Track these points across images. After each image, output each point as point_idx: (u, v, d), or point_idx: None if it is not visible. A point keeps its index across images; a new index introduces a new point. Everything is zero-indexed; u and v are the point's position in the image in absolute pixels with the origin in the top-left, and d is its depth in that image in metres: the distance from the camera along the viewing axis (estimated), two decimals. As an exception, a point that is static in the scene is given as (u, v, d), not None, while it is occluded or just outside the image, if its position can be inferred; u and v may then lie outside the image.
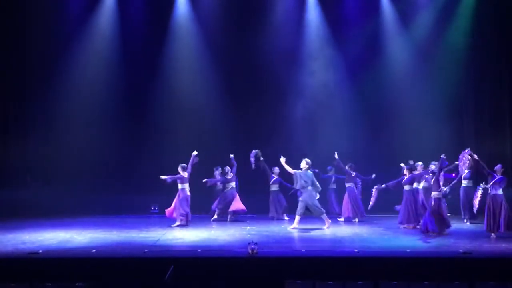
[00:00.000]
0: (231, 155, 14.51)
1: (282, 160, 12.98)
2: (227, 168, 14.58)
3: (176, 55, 16.39)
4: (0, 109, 15.54)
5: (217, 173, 15.04)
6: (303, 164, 12.93)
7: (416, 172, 13.57)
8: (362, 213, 14.46)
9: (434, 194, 12.22)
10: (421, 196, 13.44)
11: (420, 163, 14.02)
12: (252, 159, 14.65)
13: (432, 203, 12.18)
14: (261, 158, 14.75)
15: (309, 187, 12.84)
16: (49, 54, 15.74)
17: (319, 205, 12.94)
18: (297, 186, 12.93)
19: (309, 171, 12.97)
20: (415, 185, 13.52)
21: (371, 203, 13.94)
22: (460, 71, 16.20)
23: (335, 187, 15.35)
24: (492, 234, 11.88)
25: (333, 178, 15.30)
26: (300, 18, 16.51)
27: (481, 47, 15.94)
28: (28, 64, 15.69)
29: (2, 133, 15.30)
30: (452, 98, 16.26)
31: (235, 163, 14.53)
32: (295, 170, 12.91)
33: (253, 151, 14.70)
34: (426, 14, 16.30)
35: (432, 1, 16.26)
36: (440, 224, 12.16)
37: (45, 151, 15.50)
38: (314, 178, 12.99)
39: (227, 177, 14.56)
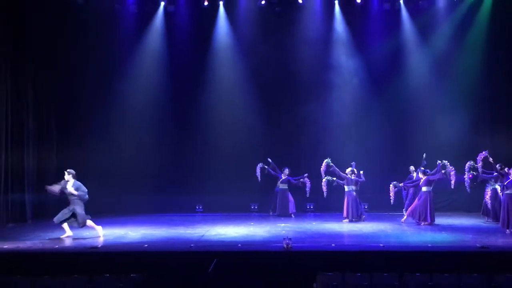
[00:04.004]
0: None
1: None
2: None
3: (216, 69, 16.42)
4: (63, 121, 15.81)
5: (286, 171, 15.07)
6: (68, 176, 11.55)
7: (430, 174, 13.40)
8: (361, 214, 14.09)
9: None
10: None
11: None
12: (258, 172, 15.00)
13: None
14: (266, 167, 15.08)
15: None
16: (105, 70, 15.94)
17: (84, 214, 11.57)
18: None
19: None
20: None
21: (392, 199, 13.82)
22: (475, 78, 15.85)
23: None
24: (508, 230, 11.66)
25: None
26: (328, 33, 16.36)
27: (495, 57, 15.63)
28: (88, 81, 15.91)
29: (65, 142, 15.56)
30: (469, 103, 15.89)
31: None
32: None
33: (259, 165, 15.01)
34: (444, 29, 16.04)
35: (449, 17, 15.97)
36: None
37: (102, 156, 15.71)
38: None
39: (358, 179, 14.23)
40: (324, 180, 14.10)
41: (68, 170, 11.66)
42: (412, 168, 14.62)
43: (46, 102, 15.35)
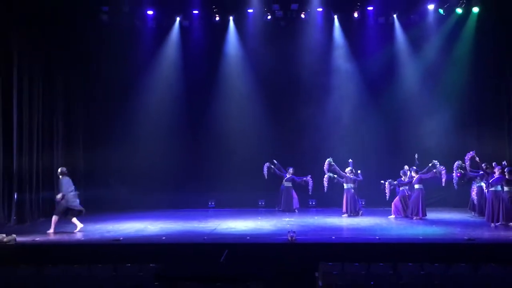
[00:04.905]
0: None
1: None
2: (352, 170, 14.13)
3: (227, 77, 16.45)
4: (89, 126, 15.93)
5: (291, 171, 15.08)
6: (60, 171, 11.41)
7: (422, 173, 13.38)
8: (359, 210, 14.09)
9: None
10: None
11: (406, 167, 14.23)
12: (265, 171, 14.97)
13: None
14: (272, 166, 15.05)
15: (72, 193, 11.29)
16: (127, 79, 16.06)
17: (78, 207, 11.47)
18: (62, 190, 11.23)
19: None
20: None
21: (387, 196, 13.79)
22: (463, 85, 15.81)
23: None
24: (492, 224, 11.64)
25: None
26: (329, 44, 16.35)
27: (481, 66, 15.59)
28: (111, 89, 16.04)
29: (91, 145, 15.67)
30: (457, 108, 15.87)
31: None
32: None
33: (266, 164, 15.00)
34: (433, 41, 16.01)
35: (438, 29, 15.94)
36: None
37: (124, 158, 15.79)
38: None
39: (357, 177, 14.13)
40: (326, 176, 14.14)
41: (61, 169, 11.54)
42: (406, 167, 14.58)
43: (73, 109, 15.47)
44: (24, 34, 13.03)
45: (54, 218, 11.30)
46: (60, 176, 11.46)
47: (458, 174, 13.04)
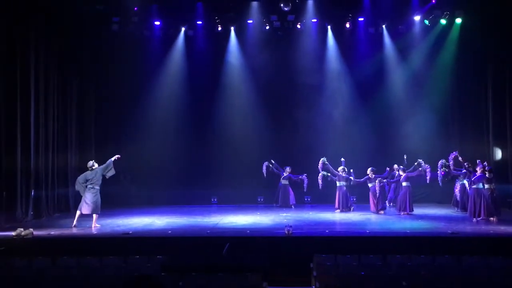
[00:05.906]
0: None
1: None
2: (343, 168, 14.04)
3: (228, 82, 16.45)
4: (100, 128, 15.93)
5: (288, 170, 15.07)
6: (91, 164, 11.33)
7: (408, 171, 13.37)
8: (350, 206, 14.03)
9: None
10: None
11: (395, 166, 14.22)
12: (264, 170, 14.91)
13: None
14: (270, 166, 15.02)
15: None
16: (136, 84, 16.07)
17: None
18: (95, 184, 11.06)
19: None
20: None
21: (377, 193, 13.77)
22: (446, 91, 15.85)
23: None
24: (474, 218, 11.64)
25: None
26: (322, 52, 16.34)
27: (463, 73, 15.60)
28: (121, 94, 16.04)
29: (102, 144, 15.65)
30: (441, 112, 15.93)
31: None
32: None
33: (264, 163, 14.95)
34: (419, 49, 16.02)
35: (424, 39, 15.94)
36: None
37: (133, 158, 15.76)
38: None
39: (349, 176, 14.05)
40: (320, 174, 14.12)
41: (92, 161, 11.52)
42: (395, 166, 14.56)
43: (86, 112, 15.47)
44: (41, 42, 13.03)
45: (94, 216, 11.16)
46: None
47: (442, 173, 13.03)
